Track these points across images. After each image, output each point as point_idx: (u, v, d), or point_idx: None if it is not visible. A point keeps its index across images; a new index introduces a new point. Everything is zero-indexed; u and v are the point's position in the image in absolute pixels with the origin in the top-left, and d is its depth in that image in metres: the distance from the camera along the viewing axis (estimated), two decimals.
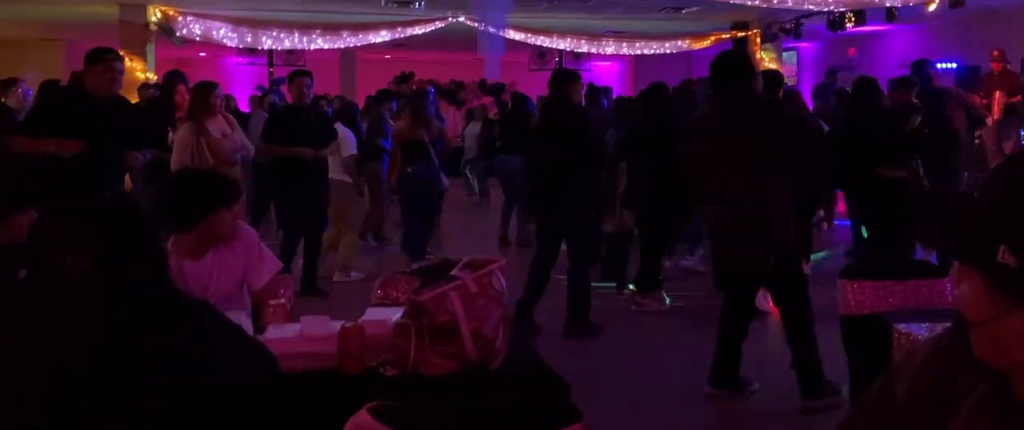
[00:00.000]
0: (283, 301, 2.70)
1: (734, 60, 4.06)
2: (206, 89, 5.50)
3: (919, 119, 5.88)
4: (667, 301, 5.88)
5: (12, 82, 5.73)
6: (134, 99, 9.59)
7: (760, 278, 3.93)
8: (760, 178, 3.75)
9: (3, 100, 5.64)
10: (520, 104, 8.82)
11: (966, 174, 7.22)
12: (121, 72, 4.78)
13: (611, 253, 6.19)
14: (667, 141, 5.57)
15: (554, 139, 4.99)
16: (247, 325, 2.39)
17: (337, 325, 2.34)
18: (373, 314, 2.57)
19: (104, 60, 4.65)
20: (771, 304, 4.44)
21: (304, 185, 5.95)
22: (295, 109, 6.13)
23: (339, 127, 6.57)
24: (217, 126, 5.42)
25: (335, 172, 6.37)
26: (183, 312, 1.77)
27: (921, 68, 6.86)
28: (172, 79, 6.68)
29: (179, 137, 5.31)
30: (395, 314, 2.43)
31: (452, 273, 2.32)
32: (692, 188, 4.16)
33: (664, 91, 6.01)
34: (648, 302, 5.79)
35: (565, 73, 5.16)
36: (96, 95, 4.63)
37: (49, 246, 1.77)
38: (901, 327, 2.91)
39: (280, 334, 2.37)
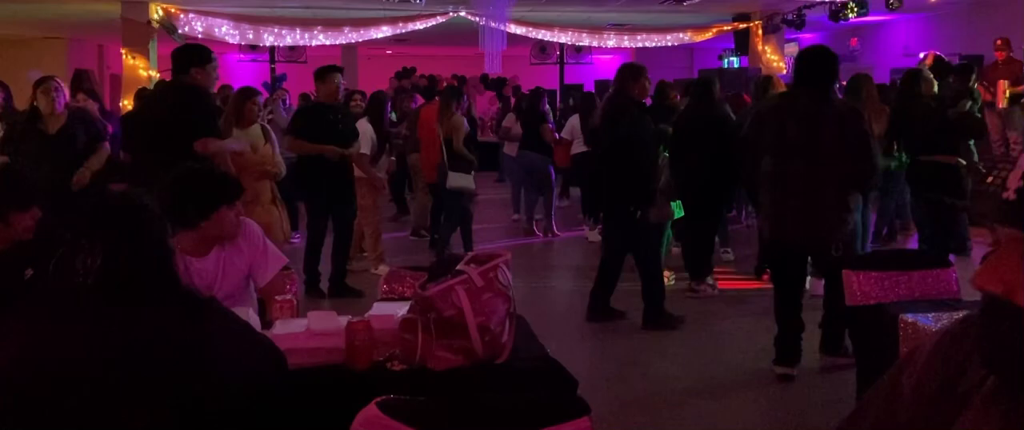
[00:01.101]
0: (289, 297, 2.70)
1: (823, 58, 4.16)
2: (245, 96, 5.41)
3: (969, 103, 5.97)
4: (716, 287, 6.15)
5: (48, 79, 5.66)
6: (130, 100, 9.61)
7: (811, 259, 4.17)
8: (833, 172, 3.96)
9: (34, 103, 5.37)
10: (535, 99, 8.92)
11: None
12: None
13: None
14: (713, 133, 5.74)
15: (609, 133, 5.11)
16: (255, 321, 2.39)
17: (344, 320, 2.34)
18: (380, 309, 2.57)
19: (212, 60, 4.75)
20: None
21: (331, 184, 5.91)
22: (325, 106, 6.06)
23: (361, 124, 6.49)
24: (248, 136, 5.33)
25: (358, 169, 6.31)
26: (192, 310, 1.77)
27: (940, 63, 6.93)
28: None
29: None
30: (402, 309, 2.44)
31: (458, 268, 2.32)
32: (753, 172, 4.31)
33: (711, 85, 6.15)
34: (704, 288, 6.04)
35: (627, 68, 5.22)
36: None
37: (58, 246, 1.78)
38: (907, 317, 2.91)
39: (287, 330, 2.37)
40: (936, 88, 6.06)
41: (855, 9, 10.88)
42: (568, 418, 1.67)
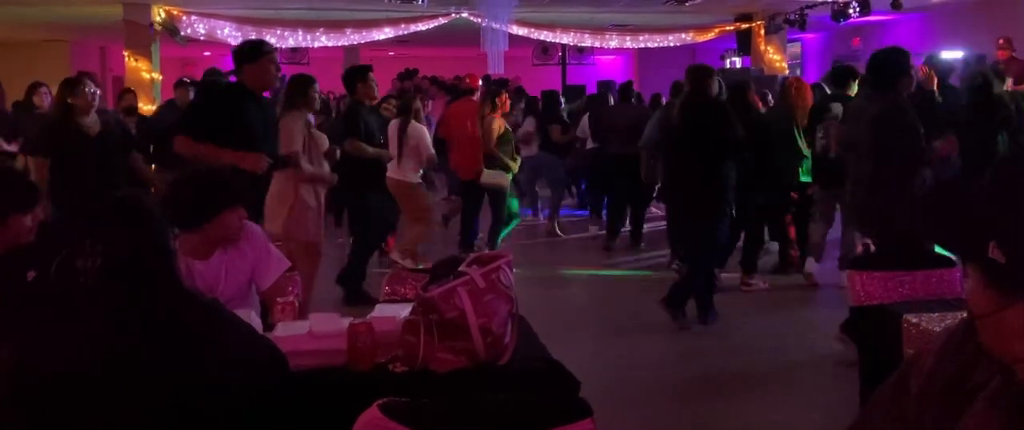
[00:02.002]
0: (292, 299, 2.70)
1: (884, 59, 4.42)
2: (307, 82, 5.24)
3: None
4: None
5: (38, 85, 5.99)
6: (140, 100, 9.59)
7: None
8: (885, 169, 4.26)
9: (70, 101, 5.15)
10: (551, 102, 9.01)
11: None
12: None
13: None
14: (751, 137, 5.76)
15: (695, 135, 5.11)
16: (257, 324, 2.39)
17: (346, 322, 2.34)
18: (382, 310, 2.57)
19: (265, 53, 4.35)
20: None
21: (381, 187, 5.89)
22: (369, 107, 6.05)
23: (420, 127, 6.47)
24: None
25: (404, 173, 6.26)
26: (194, 312, 1.77)
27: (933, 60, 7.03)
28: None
29: (290, 126, 4.96)
30: (404, 310, 2.44)
31: (460, 269, 2.32)
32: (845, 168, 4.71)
33: (746, 88, 6.21)
34: (755, 283, 6.18)
35: (702, 69, 5.26)
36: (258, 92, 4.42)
37: (59, 248, 1.78)
38: (911, 318, 2.90)
39: (289, 332, 2.37)
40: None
41: (858, 9, 10.86)
42: (571, 420, 1.67)
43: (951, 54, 9.30)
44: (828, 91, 6.61)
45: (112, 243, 1.73)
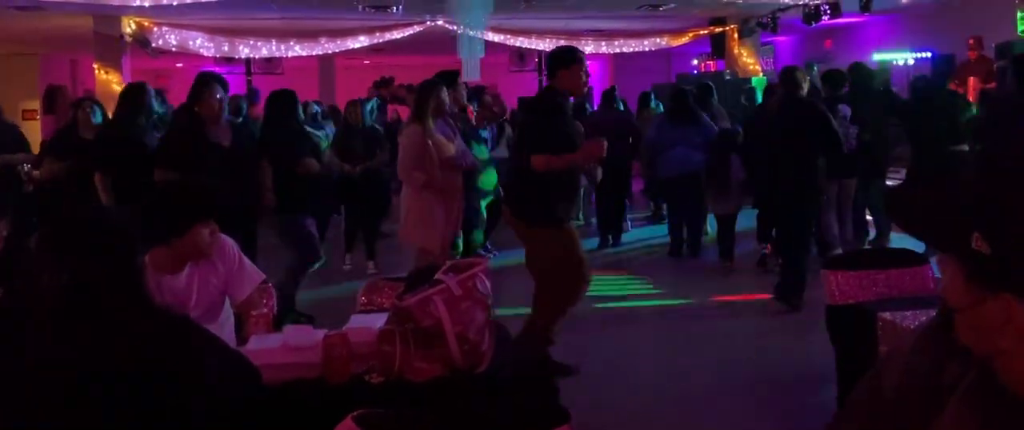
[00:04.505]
0: (265, 311, 2.67)
1: None
2: (433, 87, 5.06)
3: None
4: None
5: (215, 80, 5.91)
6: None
7: None
8: None
9: (197, 111, 4.72)
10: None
11: None
12: None
13: (723, 232, 6.93)
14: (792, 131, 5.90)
15: (793, 131, 5.40)
16: (230, 338, 2.36)
17: (320, 334, 2.31)
18: (357, 321, 2.54)
19: (579, 59, 4.32)
20: None
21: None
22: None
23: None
24: (439, 128, 5.05)
25: None
26: (163, 328, 1.74)
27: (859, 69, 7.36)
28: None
29: (411, 138, 4.86)
30: (379, 320, 2.41)
31: (436, 277, 2.30)
32: None
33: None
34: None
35: (793, 71, 5.70)
36: None
37: (26, 264, 1.74)
38: (885, 315, 2.92)
39: (263, 345, 2.34)
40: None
41: (829, 11, 11.00)
42: (548, 426, 1.65)
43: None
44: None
45: (80, 259, 1.70)
